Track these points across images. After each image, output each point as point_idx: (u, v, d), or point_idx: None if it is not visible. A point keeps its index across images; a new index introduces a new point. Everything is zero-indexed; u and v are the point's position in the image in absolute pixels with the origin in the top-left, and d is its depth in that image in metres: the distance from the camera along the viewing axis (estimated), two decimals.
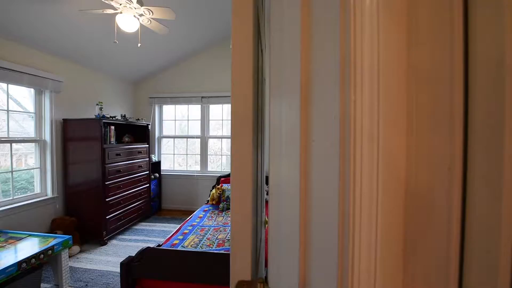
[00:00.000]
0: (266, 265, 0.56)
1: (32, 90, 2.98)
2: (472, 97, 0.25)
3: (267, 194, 0.98)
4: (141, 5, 2.27)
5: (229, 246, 2.32)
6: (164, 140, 4.88)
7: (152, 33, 3.10)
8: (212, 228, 2.77)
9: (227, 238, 2.50)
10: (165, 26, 2.65)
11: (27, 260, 1.94)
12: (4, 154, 2.74)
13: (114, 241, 3.26)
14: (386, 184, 0.30)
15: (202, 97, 4.47)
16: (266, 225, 0.81)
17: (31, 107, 2.99)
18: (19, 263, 1.88)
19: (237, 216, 0.44)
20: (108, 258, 2.82)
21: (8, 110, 2.73)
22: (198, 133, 4.66)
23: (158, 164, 4.59)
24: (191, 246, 2.31)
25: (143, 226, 3.82)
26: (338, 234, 0.30)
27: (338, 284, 0.30)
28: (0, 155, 2.72)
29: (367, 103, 0.29)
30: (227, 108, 4.61)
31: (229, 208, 3.48)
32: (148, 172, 4.08)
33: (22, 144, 2.91)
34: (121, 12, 2.29)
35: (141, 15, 2.41)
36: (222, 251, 2.11)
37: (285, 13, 0.39)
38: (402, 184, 0.30)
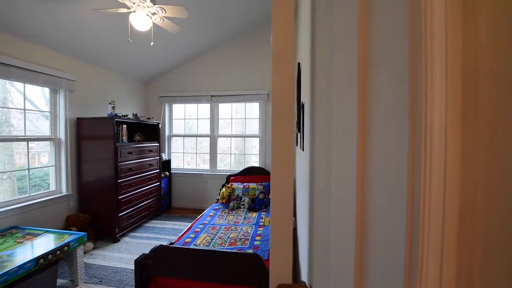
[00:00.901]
0: None
1: (46, 89, 3.03)
2: None
3: None
4: (154, 4, 2.28)
5: (241, 245, 2.31)
6: (173, 139, 4.91)
7: (163, 32, 3.11)
8: (224, 226, 2.77)
9: (238, 237, 2.49)
10: (177, 25, 2.65)
11: (44, 256, 1.98)
12: (19, 153, 2.80)
13: (126, 238, 3.30)
14: (449, 188, 0.28)
15: (211, 96, 4.48)
16: None
17: (44, 107, 3.05)
18: (37, 259, 1.92)
19: (278, 218, 0.42)
20: (121, 255, 2.85)
21: (24, 109, 2.78)
22: (206, 132, 4.67)
23: (168, 162, 4.63)
24: (203, 244, 2.31)
25: (154, 224, 3.86)
26: (406, 236, 0.28)
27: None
28: (15, 153, 2.77)
29: (437, 97, 0.28)
30: (235, 106, 4.60)
31: (239, 207, 3.48)
32: (158, 170, 4.11)
33: (36, 142, 2.97)
34: (134, 11, 2.30)
35: (154, 13, 2.41)
36: (234, 250, 2.11)
37: None
38: (457, 189, 0.28)
